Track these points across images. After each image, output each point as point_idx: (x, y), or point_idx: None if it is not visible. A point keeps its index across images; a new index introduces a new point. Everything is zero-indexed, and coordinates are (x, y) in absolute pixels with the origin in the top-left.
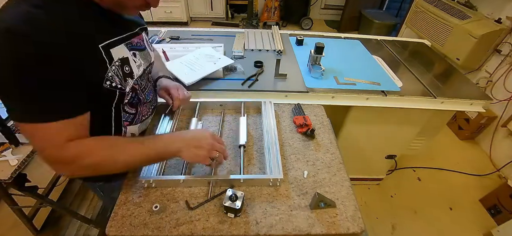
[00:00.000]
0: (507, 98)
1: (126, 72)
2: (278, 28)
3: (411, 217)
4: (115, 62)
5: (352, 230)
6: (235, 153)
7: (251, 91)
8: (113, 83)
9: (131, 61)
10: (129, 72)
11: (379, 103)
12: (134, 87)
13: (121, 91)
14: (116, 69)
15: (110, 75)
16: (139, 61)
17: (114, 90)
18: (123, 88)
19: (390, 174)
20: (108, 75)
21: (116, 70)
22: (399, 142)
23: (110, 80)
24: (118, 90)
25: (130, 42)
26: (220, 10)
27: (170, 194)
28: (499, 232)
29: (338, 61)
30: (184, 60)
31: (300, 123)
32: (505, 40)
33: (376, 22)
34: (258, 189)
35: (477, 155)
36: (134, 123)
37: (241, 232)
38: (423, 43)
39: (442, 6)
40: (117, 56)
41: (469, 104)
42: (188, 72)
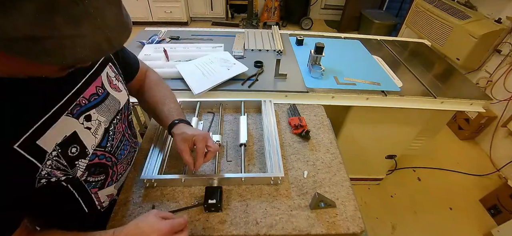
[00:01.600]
0: (507, 98)
1: (73, 154)
2: (278, 28)
3: (411, 217)
4: (50, 154)
5: (352, 230)
6: (236, 152)
7: (251, 91)
8: (53, 178)
9: (81, 133)
10: (79, 151)
11: (379, 103)
12: (92, 162)
13: (68, 179)
14: (55, 161)
15: (44, 173)
16: (97, 121)
17: (56, 184)
18: (70, 175)
19: (390, 174)
20: (41, 174)
21: (56, 163)
22: (399, 142)
23: (46, 178)
24: (63, 181)
25: (77, 104)
26: (220, 10)
27: (170, 194)
28: (499, 232)
29: (338, 61)
30: (198, 63)
31: (295, 124)
32: (505, 40)
33: (376, 22)
34: (258, 189)
35: (477, 155)
36: (107, 186)
37: (241, 232)
38: (423, 43)
39: (442, 6)
40: (53, 143)
41: (469, 104)
42: (199, 77)
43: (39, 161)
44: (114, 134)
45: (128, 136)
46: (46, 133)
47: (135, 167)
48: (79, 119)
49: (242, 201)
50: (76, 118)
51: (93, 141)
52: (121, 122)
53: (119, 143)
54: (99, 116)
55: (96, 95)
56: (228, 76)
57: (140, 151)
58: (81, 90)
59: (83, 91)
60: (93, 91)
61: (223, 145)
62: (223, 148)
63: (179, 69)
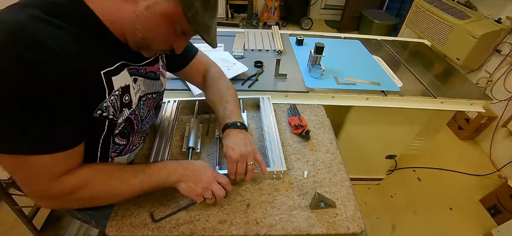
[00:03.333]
0: (507, 98)
1: (125, 101)
2: (278, 28)
3: (411, 217)
4: (114, 92)
5: (352, 230)
6: None
7: (251, 91)
8: (105, 113)
9: (131, 89)
10: (128, 101)
11: (379, 103)
12: (130, 117)
13: (111, 122)
14: (115, 99)
15: (105, 105)
16: (138, 87)
17: (104, 121)
18: (114, 118)
19: (390, 174)
20: (102, 105)
21: (114, 101)
22: (399, 142)
23: (103, 110)
24: (108, 120)
25: (135, 68)
26: (220, 10)
27: (171, 194)
28: (499, 232)
29: (338, 61)
30: None
31: (295, 124)
32: (505, 40)
33: (376, 22)
34: (258, 188)
35: (477, 155)
36: (123, 154)
37: (241, 232)
38: (423, 43)
39: (442, 6)
40: (118, 85)
41: (469, 104)
42: None
43: (108, 92)
44: (144, 105)
45: (153, 114)
46: (117, 75)
47: None
48: (132, 77)
49: (242, 201)
50: (131, 76)
51: (134, 99)
52: (152, 100)
53: (146, 116)
54: (142, 85)
55: (153, 73)
56: (228, 76)
57: (140, 150)
58: (147, 65)
59: (148, 66)
60: (153, 70)
61: None
62: None
63: None
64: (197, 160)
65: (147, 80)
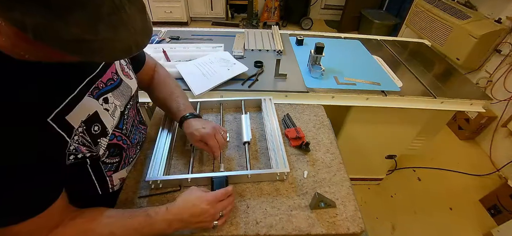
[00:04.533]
0: (507, 98)
1: (96, 132)
2: (278, 28)
3: (411, 217)
4: (76, 130)
5: (352, 230)
6: (238, 151)
7: (251, 91)
8: (79, 154)
9: (101, 114)
10: (101, 130)
11: (379, 103)
12: (111, 143)
13: (92, 157)
14: (81, 137)
15: (72, 148)
16: (113, 104)
17: (83, 159)
18: (94, 153)
19: (390, 174)
20: (69, 149)
21: (82, 139)
22: (399, 142)
23: (74, 154)
24: (88, 158)
25: (96, 87)
26: (220, 10)
27: (170, 194)
28: (499, 232)
29: (338, 61)
30: (198, 63)
31: (293, 137)
32: (505, 40)
33: (376, 22)
34: (258, 188)
35: (477, 155)
36: (120, 170)
37: (241, 232)
38: (423, 43)
39: (442, 6)
40: (79, 120)
41: (469, 104)
42: (199, 77)
43: (68, 135)
44: (127, 118)
45: (137, 122)
46: (73, 111)
47: (135, 167)
48: (98, 100)
49: (242, 201)
50: (96, 99)
51: (112, 122)
52: (132, 107)
53: (131, 127)
54: (115, 100)
55: (112, 80)
56: (228, 76)
57: (142, 151)
58: (100, 74)
59: (101, 76)
60: (109, 76)
61: (228, 141)
62: (228, 143)
63: (179, 69)
64: (182, 194)
65: (115, 91)
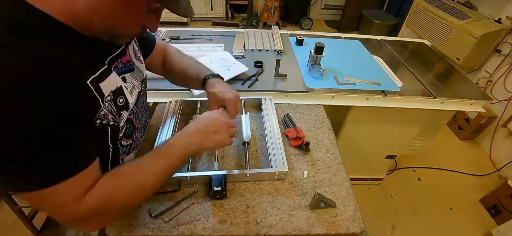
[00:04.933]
0: (507, 98)
1: (120, 104)
2: (278, 28)
3: (411, 217)
4: (106, 97)
5: (352, 230)
6: (237, 151)
7: (251, 91)
8: (105, 120)
9: (124, 89)
10: (124, 103)
11: (379, 103)
12: (130, 118)
13: (114, 128)
14: (109, 105)
15: (102, 113)
16: (131, 84)
17: (105, 127)
18: (116, 123)
19: (390, 174)
20: (100, 114)
21: (109, 107)
22: (399, 142)
23: (102, 119)
24: (110, 127)
25: (115, 66)
26: (220, 10)
27: (170, 194)
28: (499, 232)
29: (338, 61)
30: None
31: (293, 136)
32: (505, 40)
33: (376, 22)
34: (259, 189)
35: (477, 155)
36: (131, 152)
37: (241, 232)
38: (423, 43)
39: (442, 6)
40: (109, 89)
41: (469, 104)
42: None
43: (101, 100)
44: (140, 99)
45: (146, 106)
46: (105, 80)
47: None
48: (120, 78)
49: (242, 201)
50: (119, 76)
51: (131, 99)
52: (143, 90)
53: (141, 109)
54: (133, 80)
55: (130, 62)
56: (228, 76)
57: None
58: (120, 55)
59: (121, 57)
60: (128, 58)
61: None
62: None
63: None
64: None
65: (132, 72)
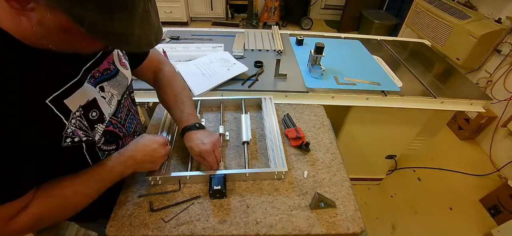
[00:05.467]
0: (507, 98)
1: (93, 118)
2: (278, 28)
3: (411, 217)
4: (74, 114)
5: (352, 230)
6: (237, 151)
7: (251, 91)
8: (76, 138)
9: (99, 100)
10: (98, 116)
11: (379, 103)
12: (107, 130)
13: (88, 142)
14: (78, 121)
15: (69, 131)
16: (109, 93)
17: (78, 144)
18: (90, 138)
19: (390, 174)
20: (67, 132)
21: (78, 122)
22: (399, 142)
23: (71, 137)
24: (84, 142)
25: (92, 76)
26: (220, 10)
27: (170, 195)
28: (499, 232)
29: (338, 61)
30: (198, 63)
31: (293, 136)
32: (505, 40)
33: (376, 22)
34: (259, 189)
35: (477, 155)
36: None
37: (241, 232)
38: (423, 43)
39: (442, 6)
40: (77, 104)
41: (469, 104)
42: (199, 77)
43: (66, 118)
44: (123, 107)
45: (133, 112)
46: (72, 95)
47: None
48: (96, 88)
49: (242, 201)
50: (95, 86)
51: (109, 109)
52: (127, 97)
53: (125, 116)
54: (111, 89)
55: (108, 70)
56: (228, 76)
57: None
58: (97, 63)
59: (98, 65)
60: (106, 66)
61: (228, 140)
62: (228, 142)
63: (179, 70)
64: (134, 140)
65: (111, 80)
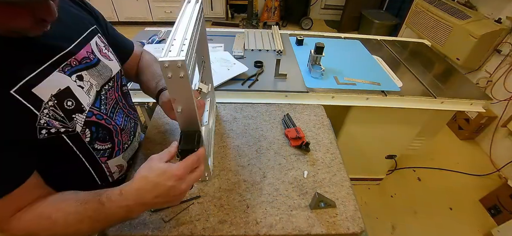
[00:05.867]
0: (507, 98)
1: (69, 107)
2: (278, 28)
3: (411, 217)
4: (47, 103)
5: (352, 230)
6: (239, 150)
7: (251, 91)
8: (52, 129)
9: (75, 89)
10: (75, 106)
11: (379, 103)
12: (90, 120)
13: (69, 134)
14: (52, 110)
15: (43, 122)
16: (89, 82)
17: (59, 136)
18: (69, 129)
19: (390, 174)
20: (40, 123)
21: (53, 113)
22: (399, 142)
23: (46, 128)
24: (64, 134)
25: (68, 64)
26: (220, 10)
27: None
28: (499, 232)
29: (338, 61)
30: None
31: (293, 136)
32: (505, 40)
33: (376, 22)
34: (258, 188)
35: (477, 155)
36: (115, 156)
37: (241, 232)
38: (423, 43)
39: (442, 6)
40: (49, 93)
41: (469, 104)
42: None
43: (36, 108)
44: (107, 99)
45: (123, 106)
46: (41, 84)
47: (134, 167)
48: (71, 77)
49: (242, 201)
50: (69, 76)
51: (87, 99)
52: (113, 89)
53: (113, 109)
54: (91, 78)
55: (87, 59)
56: (228, 76)
57: (141, 148)
58: (73, 52)
59: (75, 54)
60: (84, 55)
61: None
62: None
63: None
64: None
65: (90, 70)
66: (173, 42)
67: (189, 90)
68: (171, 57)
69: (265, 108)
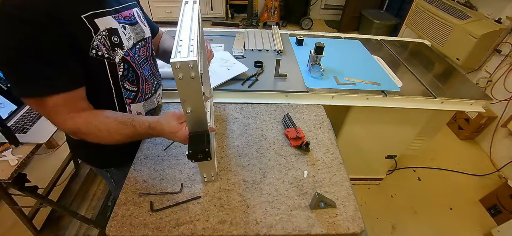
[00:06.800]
0: (507, 98)
1: (115, 42)
2: (278, 28)
3: (411, 217)
4: (101, 32)
5: (352, 230)
6: (239, 150)
7: (251, 91)
8: (100, 52)
9: (120, 32)
10: (118, 42)
11: (379, 103)
12: (126, 58)
13: (110, 61)
14: (103, 38)
15: (95, 44)
16: (129, 34)
17: (102, 59)
18: (111, 57)
19: (390, 174)
20: (93, 44)
21: (103, 40)
22: (399, 142)
23: (96, 49)
24: (106, 59)
25: (118, 15)
26: (220, 10)
27: (169, 195)
28: (499, 232)
29: (338, 61)
30: None
31: (293, 136)
32: (505, 40)
33: (376, 22)
34: (258, 188)
35: (477, 155)
36: (138, 101)
37: (241, 232)
38: (423, 43)
39: (442, 6)
40: (104, 26)
41: (469, 104)
42: None
43: (94, 32)
44: (139, 52)
45: (150, 64)
46: (100, 18)
47: (134, 167)
48: (119, 25)
49: (242, 201)
50: (118, 23)
51: (127, 43)
52: (145, 48)
53: (143, 62)
54: (131, 32)
55: (129, 18)
56: (228, 76)
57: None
58: (120, 10)
59: (121, 12)
60: (127, 14)
61: None
62: None
63: None
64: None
65: (131, 26)
66: (181, 43)
67: (199, 91)
68: (182, 57)
69: (265, 108)
